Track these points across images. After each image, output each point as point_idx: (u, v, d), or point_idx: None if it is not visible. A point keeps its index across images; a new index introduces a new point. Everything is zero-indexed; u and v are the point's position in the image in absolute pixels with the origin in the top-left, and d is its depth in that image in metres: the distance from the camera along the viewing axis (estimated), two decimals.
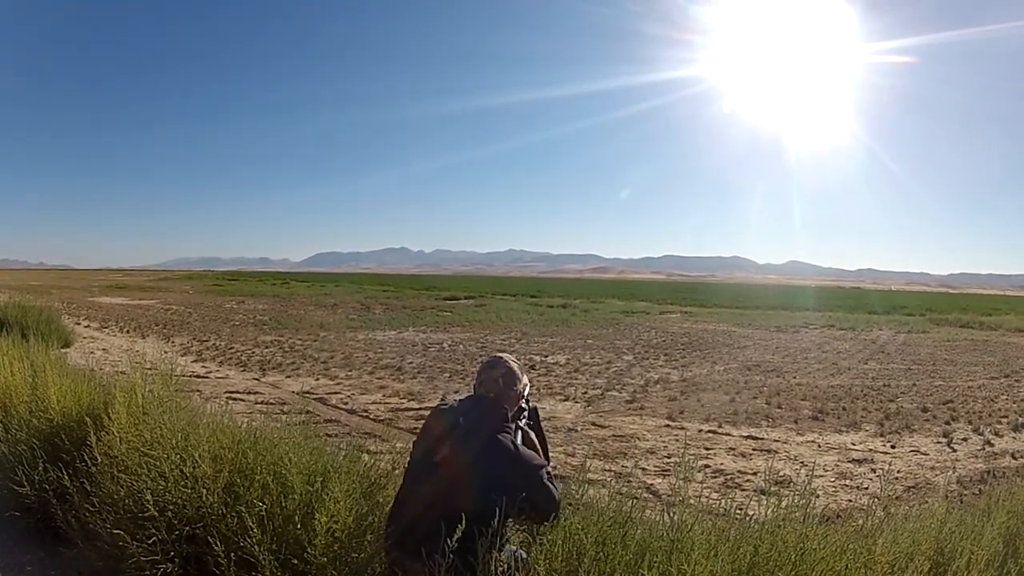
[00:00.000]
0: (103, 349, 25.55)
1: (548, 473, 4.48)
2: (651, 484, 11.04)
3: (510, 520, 4.25)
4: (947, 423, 16.52)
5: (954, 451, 14.25)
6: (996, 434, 15.72)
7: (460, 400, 4.62)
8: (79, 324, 35.42)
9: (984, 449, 14.50)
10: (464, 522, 3.87)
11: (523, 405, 4.83)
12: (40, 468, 6.82)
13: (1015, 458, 13.92)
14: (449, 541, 3.83)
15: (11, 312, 23.95)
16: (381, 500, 5.52)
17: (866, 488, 11.41)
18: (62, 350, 19.97)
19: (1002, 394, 21.31)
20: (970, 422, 16.74)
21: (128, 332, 33.59)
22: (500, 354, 4.95)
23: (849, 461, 13.16)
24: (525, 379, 4.83)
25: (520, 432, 4.64)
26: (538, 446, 4.82)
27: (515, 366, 4.80)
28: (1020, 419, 17.23)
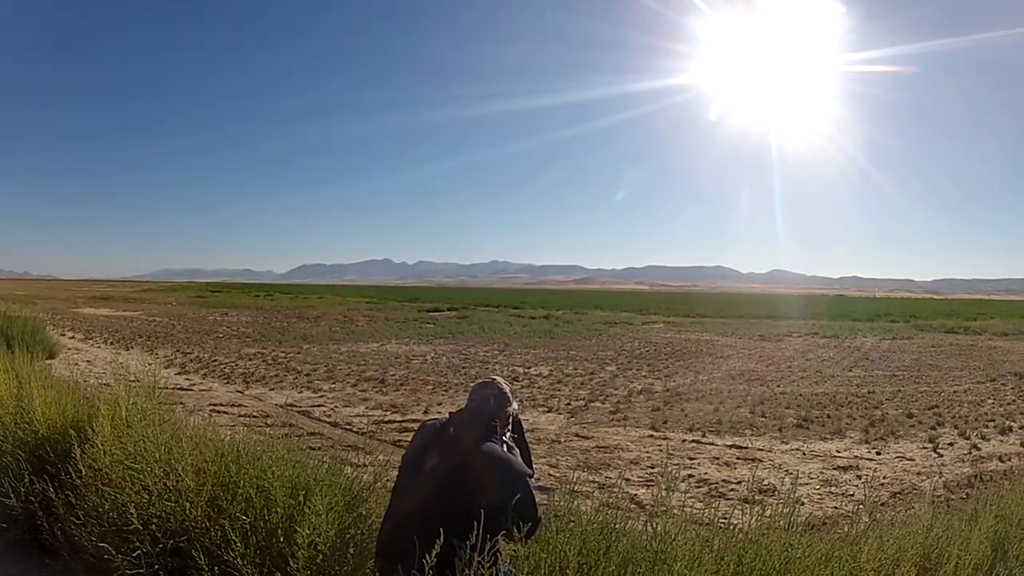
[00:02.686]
0: (87, 361, 25.44)
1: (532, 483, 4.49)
2: (635, 495, 11.03)
3: (499, 536, 4.24)
4: (933, 428, 16.60)
5: (940, 456, 14.33)
6: (983, 438, 15.83)
7: (450, 413, 4.63)
8: (64, 335, 35.31)
9: (971, 453, 14.60)
10: (443, 534, 3.86)
11: (510, 426, 4.85)
12: (26, 480, 6.79)
13: (1002, 461, 14.03)
14: (428, 556, 3.82)
15: None
16: (364, 513, 5.52)
17: (851, 495, 11.46)
18: (47, 361, 19.90)
19: (988, 398, 21.47)
20: (956, 427, 16.83)
21: (112, 344, 33.50)
22: (494, 376, 4.97)
23: (834, 468, 13.21)
24: (515, 404, 4.85)
25: (505, 445, 4.65)
26: (522, 458, 4.83)
27: (507, 389, 4.82)
28: (1006, 422, 17.37)
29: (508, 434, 4.75)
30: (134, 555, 5.44)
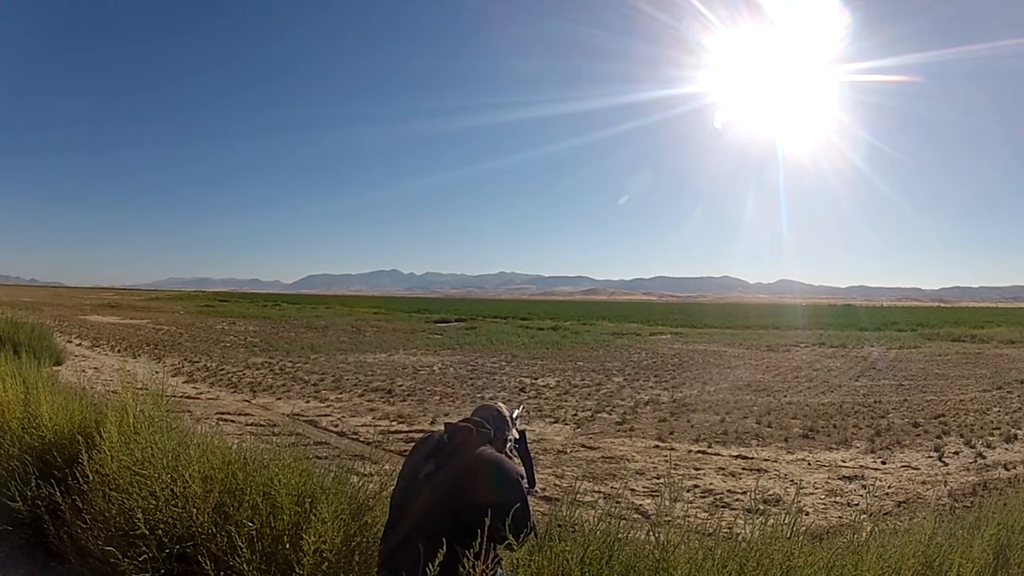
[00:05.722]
0: (94, 368, 25.54)
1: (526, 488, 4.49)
2: (640, 505, 11.05)
3: (503, 545, 4.24)
4: (938, 437, 16.57)
5: (945, 465, 14.30)
6: (988, 446, 15.81)
7: (446, 424, 4.64)
8: (71, 342, 35.50)
9: (976, 462, 14.57)
10: (444, 542, 3.88)
11: (509, 447, 4.86)
12: (32, 484, 6.85)
13: (1007, 469, 13.99)
14: (431, 564, 3.84)
15: (3, 329, 23.96)
16: (369, 521, 5.54)
17: (856, 504, 11.46)
18: (54, 368, 19.96)
19: (994, 406, 21.44)
20: (962, 435, 16.79)
21: (119, 351, 33.61)
22: (497, 403, 4.99)
23: (839, 478, 13.19)
24: (515, 431, 4.86)
25: (504, 453, 4.66)
26: (523, 470, 4.83)
27: (507, 414, 4.84)
28: (1012, 430, 17.33)
29: (509, 444, 4.77)
30: (140, 559, 5.49)
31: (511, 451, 4.77)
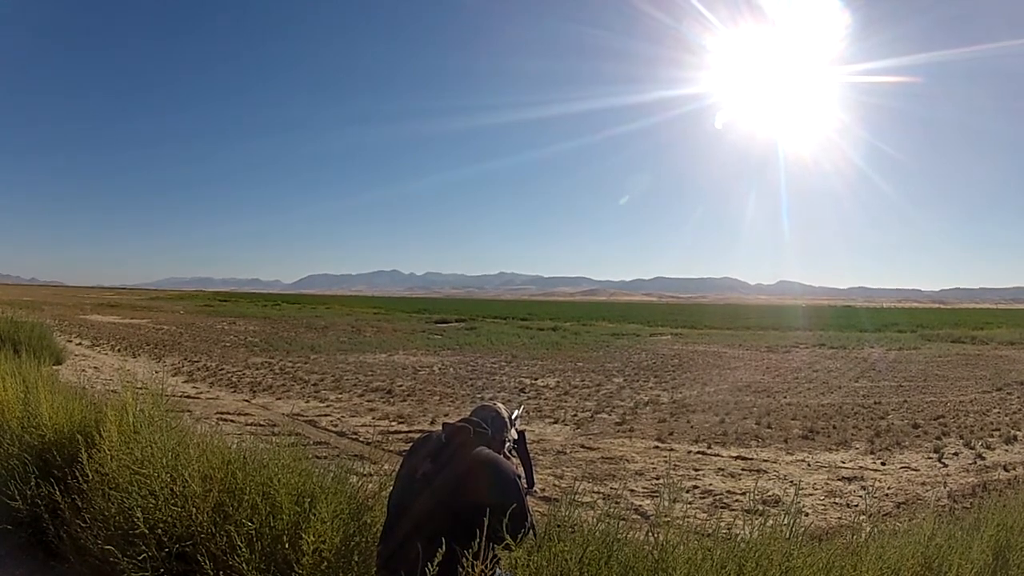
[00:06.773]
0: (94, 367, 25.52)
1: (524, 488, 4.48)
2: (639, 505, 11.04)
3: (502, 545, 4.23)
4: (938, 438, 16.56)
5: (945, 466, 14.30)
6: (988, 447, 15.81)
7: (444, 424, 4.63)
8: (71, 341, 35.48)
9: (976, 463, 14.56)
10: (443, 542, 3.87)
11: (508, 448, 4.84)
12: (32, 483, 6.85)
13: (1007, 471, 13.99)
14: (430, 564, 3.83)
15: (3, 328, 23.96)
16: (368, 521, 5.53)
17: (855, 505, 11.44)
18: (54, 367, 19.95)
19: (994, 407, 21.43)
20: (961, 436, 16.79)
21: (119, 351, 33.61)
22: (496, 403, 4.97)
23: (839, 479, 13.19)
24: (513, 431, 4.84)
25: (503, 454, 4.64)
26: (522, 471, 4.81)
27: (506, 416, 4.82)
28: (1012, 432, 17.33)
29: (509, 444, 4.75)
30: (139, 558, 5.50)
31: (510, 451, 4.75)
